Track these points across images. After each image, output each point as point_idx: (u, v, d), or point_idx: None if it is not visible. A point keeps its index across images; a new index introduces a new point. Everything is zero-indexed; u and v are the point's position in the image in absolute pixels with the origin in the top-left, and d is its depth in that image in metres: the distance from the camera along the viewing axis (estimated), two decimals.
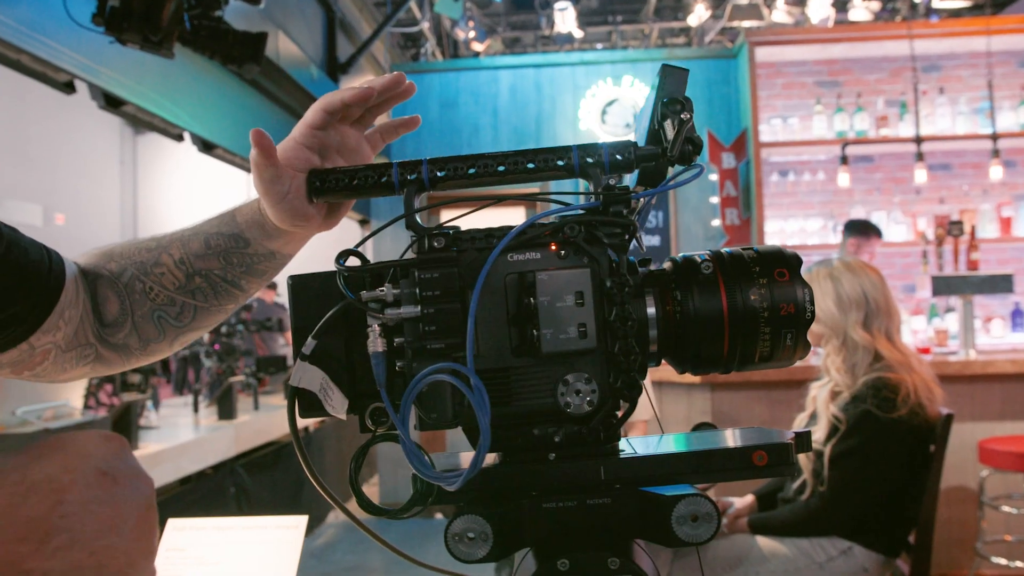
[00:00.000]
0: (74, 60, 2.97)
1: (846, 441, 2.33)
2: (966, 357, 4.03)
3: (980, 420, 3.73)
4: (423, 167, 0.72)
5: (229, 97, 4.30)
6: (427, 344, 0.65)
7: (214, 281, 0.94)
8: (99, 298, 0.95)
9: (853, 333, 2.43)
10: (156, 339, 0.96)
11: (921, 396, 2.34)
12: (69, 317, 0.90)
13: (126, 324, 0.95)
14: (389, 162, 0.74)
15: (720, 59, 6.22)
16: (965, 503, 3.69)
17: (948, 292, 4.42)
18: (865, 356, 2.41)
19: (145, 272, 0.94)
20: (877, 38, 5.73)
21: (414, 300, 0.66)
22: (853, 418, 2.33)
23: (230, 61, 3.01)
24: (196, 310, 0.96)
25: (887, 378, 2.34)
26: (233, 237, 0.91)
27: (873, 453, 2.31)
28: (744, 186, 5.87)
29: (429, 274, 0.66)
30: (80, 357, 0.94)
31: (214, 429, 4.04)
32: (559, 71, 6.30)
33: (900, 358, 2.40)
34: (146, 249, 0.95)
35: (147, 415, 4.10)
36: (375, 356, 0.66)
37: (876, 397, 2.32)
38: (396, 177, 0.73)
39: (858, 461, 2.31)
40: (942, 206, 5.88)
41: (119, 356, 0.98)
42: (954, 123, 5.66)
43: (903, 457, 2.36)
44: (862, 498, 2.33)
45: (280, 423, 4.84)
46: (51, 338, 0.89)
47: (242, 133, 4.85)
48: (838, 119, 5.69)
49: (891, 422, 2.30)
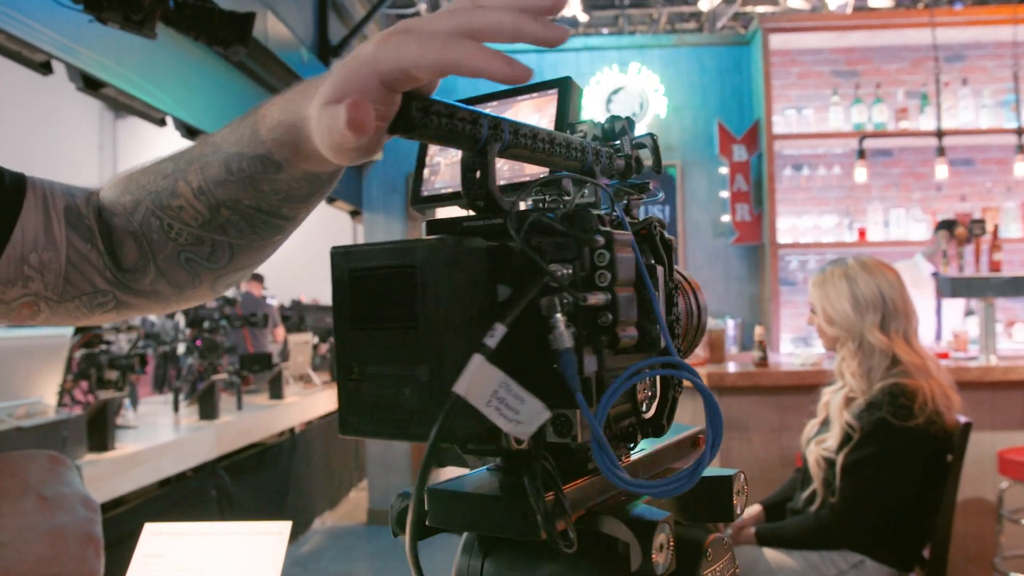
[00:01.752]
0: (51, 39, 2.96)
1: (860, 450, 2.33)
2: (986, 363, 4.03)
3: (1000, 429, 3.74)
4: (504, 127, 0.61)
5: (214, 80, 4.29)
6: (620, 335, 0.58)
7: (246, 213, 0.79)
8: (114, 240, 0.84)
9: (870, 335, 2.43)
10: (190, 284, 0.85)
11: (939, 403, 2.34)
12: (42, 263, 0.80)
13: (149, 269, 0.84)
14: (477, 112, 0.63)
15: (732, 46, 6.22)
16: (983, 516, 3.70)
17: (969, 294, 4.43)
18: (882, 360, 2.42)
19: (161, 205, 0.80)
20: (898, 26, 5.73)
21: (602, 283, 0.58)
22: (868, 426, 2.34)
23: (216, 42, 3.00)
24: (232, 248, 0.82)
25: (904, 384, 2.35)
26: (260, 160, 0.75)
27: (888, 463, 2.32)
28: (756, 180, 5.87)
29: (625, 254, 0.60)
30: (93, 305, 0.85)
31: (195, 429, 4.04)
32: (562, 57, 6.29)
33: (918, 361, 2.41)
34: (162, 174, 0.81)
35: (124, 414, 4.10)
36: (566, 353, 0.55)
37: (892, 404, 2.32)
38: (485, 131, 0.59)
39: (872, 471, 2.32)
40: (963, 204, 5.88)
41: (150, 302, 0.87)
42: (977, 116, 5.66)
43: (919, 467, 2.36)
44: (875, 510, 2.34)
45: (264, 424, 4.85)
46: (22, 290, 0.79)
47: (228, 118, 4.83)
48: (855, 111, 5.70)
49: (907, 431, 2.30)
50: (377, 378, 0.56)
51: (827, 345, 2.60)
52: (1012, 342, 5.54)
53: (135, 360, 3.67)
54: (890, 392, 2.35)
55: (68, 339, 3.54)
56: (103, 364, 3.60)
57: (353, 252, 0.58)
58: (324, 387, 6.30)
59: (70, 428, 3.02)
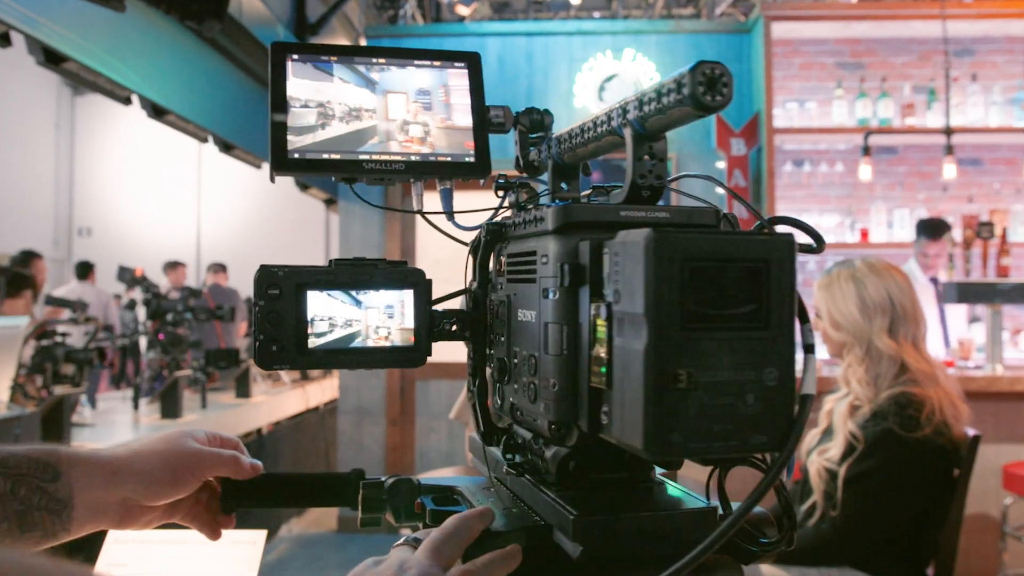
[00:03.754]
0: (10, 8, 2.92)
1: (864, 462, 2.34)
2: (992, 372, 4.07)
3: (1005, 442, 3.77)
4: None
5: (185, 57, 4.25)
6: None
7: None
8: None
9: (878, 341, 2.44)
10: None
11: (947, 414, 2.35)
12: None
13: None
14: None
15: (732, 34, 6.24)
16: (986, 533, 3.73)
17: (975, 300, 4.46)
18: (890, 367, 2.42)
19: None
20: (906, 17, 5.76)
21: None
22: (872, 436, 2.34)
23: (188, 17, 2.97)
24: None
25: (912, 393, 2.35)
26: (39, 463, 0.82)
27: (892, 476, 2.33)
28: (754, 176, 5.89)
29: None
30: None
31: (156, 429, 4.00)
32: (553, 41, 6.29)
33: (927, 369, 2.42)
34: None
35: (81, 411, 4.06)
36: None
37: (899, 415, 2.33)
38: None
39: (876, 484, 2.33)
40: (971, 205, 5.93)
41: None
42: (987, 114, 5.71)
43: (925, 481, 2.37)
44: (878, 525, 2.35)
45: (230, 424, 4.81)
46: None
47: (198, 97, 4.82)
48: (860, 105, 5.73)
49: (914, 442, 2.31)
50: (713, 386, 0.53)
51: (832, 351, 2.60)
52: (1019, 351, 5.58)
53: (94, 354, 3.62)
54: (897, 402, 2.36)
55: (21, 329, 3.50)
56: (59, 358, 3.56)
57: (684, 240, 0.54)
58: (293, 385, 6.27)
59: (23, 426, 2.98)
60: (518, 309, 0.79)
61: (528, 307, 0.76)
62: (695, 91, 0.55)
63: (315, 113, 0.85)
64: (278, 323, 0.77)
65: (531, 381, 0.75)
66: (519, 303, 0.79)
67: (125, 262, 6.83)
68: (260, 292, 0.79)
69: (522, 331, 0.78)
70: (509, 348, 0.81)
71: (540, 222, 0.75)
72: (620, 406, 0.57)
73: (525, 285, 0.78)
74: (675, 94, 0.57)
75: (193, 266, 11.23)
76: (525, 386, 0.76)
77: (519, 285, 0.79)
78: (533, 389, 0.74)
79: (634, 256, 0.54)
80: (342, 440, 6.25)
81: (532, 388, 0.74)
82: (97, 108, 11.91)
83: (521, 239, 0.80)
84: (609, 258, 0.61)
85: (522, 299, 0.78)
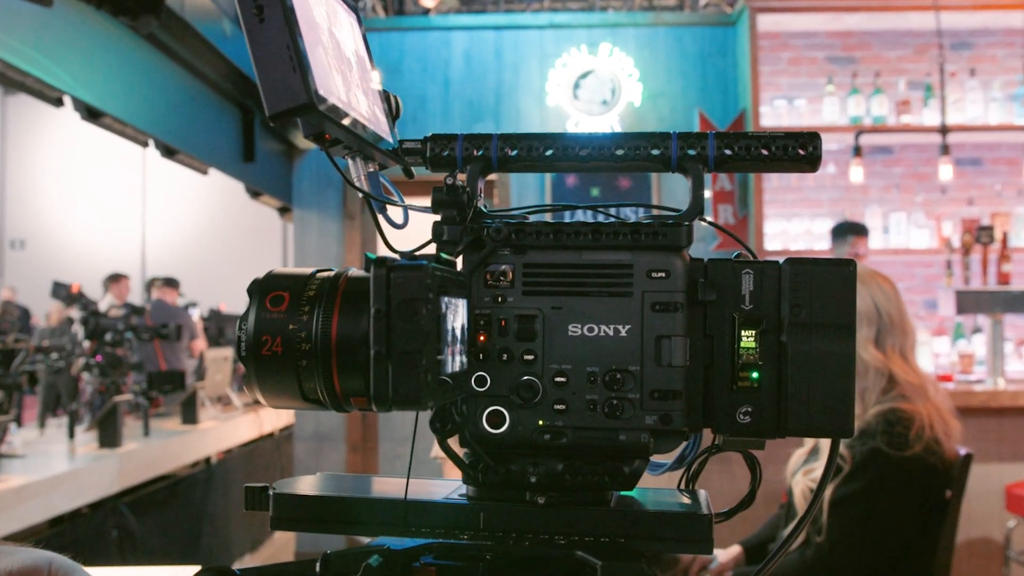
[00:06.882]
0: None
1: (850, 483, 2.37)
2: (994, 386, 4.12)
3: (1008, 461, 3.81)
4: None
5: (121, 55, 4.24)
6: None
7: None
8: None
9: (864, 352, 2.47)
10: None
11: (937, 430, 2.38)
12: None
13: None
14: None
15: (716, 27, 6.30)
16: (988, 557, 3.77)
17: (975, 310, 4.52)
18: (877, 380, 2.45)
19: None
20: (900, 8, 5.82)
21: None
22: (859, 456, 2.37)
23: (122, 12, 2.98)
24: None
25: (901, 410, 2.39)
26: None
27: (881, 498, 2.36)
28: (741, 179, 5.94)
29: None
30: None
31: (94, 459, 3.98)
32: (524, 35, 6.33)
33: (916, 381, 2.45)
34: None
35: (10, 440, 4.03)
36: None
37: (888, 433, 2.36)
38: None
39: (863, 507, 2.36)
40: (970, 208, 5.99)
41: None
42: (986, 111, 5.77)
43: (915, 503, 2.40)
44: (866, 550, 2.37)
45: (175, 453, 4.79)
46: None
47: (137, 98, 4.80)
48: (852, 102, 5.78)
49: (904, 461, 2.34)
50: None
51: None
52: (1022, 363, 5.62)
53: (23, 378, 3.61)
54: (886, 419, 2.38)
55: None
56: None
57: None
58: (246, 410, 6.24)
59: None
60: (569, 324, 0.82)
61: (603, 321, 0.81)
62: None
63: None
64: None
65: (611, 397, 0.81)
66: (573, 317, 0.82)
67: (62, 277, 6.79)
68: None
69: (585, 345, 0.82)
70: (544, 366, 0.83)
71: (630, 236, 0.81)
72: (803, 404, 0.78)
73: (596, 299, 0.82)
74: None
75: (138, 279, 11.17)
76: (588, 404, 0.81)
77: (578, 299, 0.82)
78: (613, 404, 0.80)
79: (838, 279, 0.77)
80: (298, 469, 6.24)
81: (611, 403, 0.80)
82: (30, 108, 11.84)
83: (575, 250, 0.83)
84: (752, 277, 0.79)
85: (587, 313, 0.82)
